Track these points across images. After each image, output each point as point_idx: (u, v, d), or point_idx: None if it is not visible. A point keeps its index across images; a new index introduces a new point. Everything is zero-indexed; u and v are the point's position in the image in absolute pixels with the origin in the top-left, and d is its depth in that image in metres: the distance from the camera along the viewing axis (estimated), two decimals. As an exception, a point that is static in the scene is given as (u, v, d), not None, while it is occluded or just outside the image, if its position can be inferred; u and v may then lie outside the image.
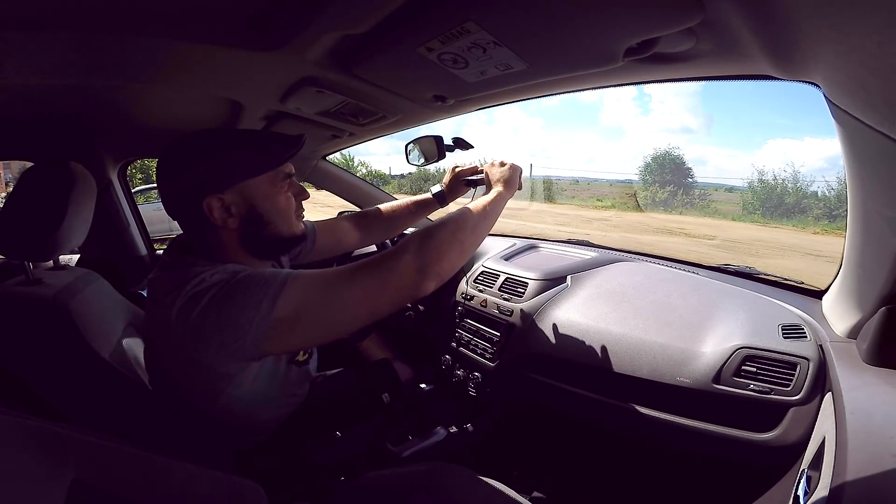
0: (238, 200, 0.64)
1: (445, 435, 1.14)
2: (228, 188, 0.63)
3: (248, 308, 0.56)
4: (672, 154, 19.81)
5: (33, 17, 0.55)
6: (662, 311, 1.02)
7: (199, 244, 0.68)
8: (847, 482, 0.48)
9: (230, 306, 0.56)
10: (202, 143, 0.65)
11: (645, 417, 0.91)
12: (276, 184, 0.68)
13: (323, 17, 0.58)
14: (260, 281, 0.58)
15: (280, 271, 0.60)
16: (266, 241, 0.69)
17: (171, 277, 0.61)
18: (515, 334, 1.16)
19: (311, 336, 0.62)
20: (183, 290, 0.57)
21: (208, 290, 0.57)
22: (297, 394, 0.82)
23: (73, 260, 1.45)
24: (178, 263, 0.64)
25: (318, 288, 0.60)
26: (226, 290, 0.57)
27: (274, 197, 0.68)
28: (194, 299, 0.56)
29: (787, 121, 65.19)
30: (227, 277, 0.58)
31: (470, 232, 0.72)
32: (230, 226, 0.64)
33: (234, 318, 0.55)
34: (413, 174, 21.68)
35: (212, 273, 0.59)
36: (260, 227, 0.67)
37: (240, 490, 0.57)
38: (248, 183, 0.65)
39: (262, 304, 0.56)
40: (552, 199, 19.78)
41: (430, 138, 1.15)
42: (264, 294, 0.56)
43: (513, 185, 0.87)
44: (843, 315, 0.83)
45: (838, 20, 0.37)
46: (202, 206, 0.62)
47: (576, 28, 0.57)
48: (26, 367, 0.78)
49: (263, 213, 0.67)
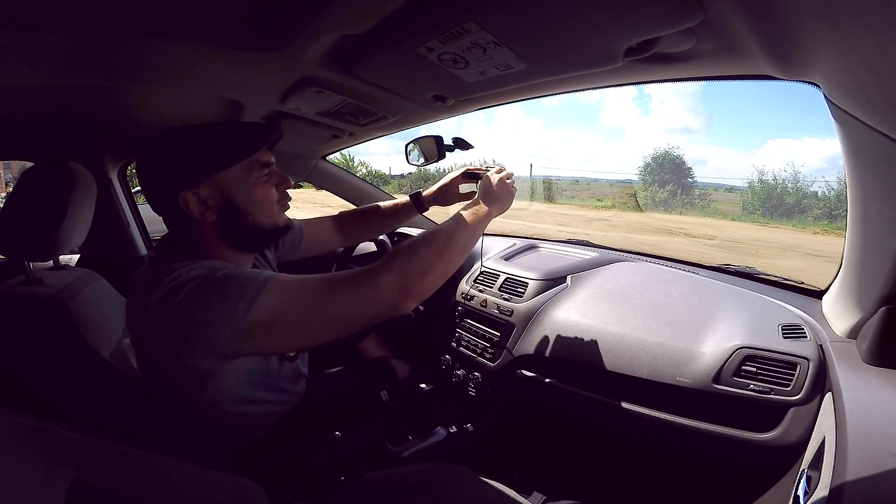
0: (214, 193, 0.64)
1: (445, 435, 1.14)
2: (202, 182, 0.63)
3: (223, 308, 0.55)
4: (672, 154, 19.81)
5: (33, 17, 0.55)
6: (662, 311, 1.02)
7: (183, 239, 0.68)
8: (847, 482, 0.47)
9: (206, 304, 0.55)
10: (175, 138, 0.65)
11: (645, 417, 0.91)
12: (251, 174, 0.67)
13: (323, 17, 0.58)
14: (238, 281, 0.57)
15: (260, 273, 0.60)
16: (246, 233, 0.68)
17: (149, 272, 0.61)
18: (515, 334, 1.16)
19: (286, 342, 0.62)
20: (159, 284, 0.57)
21: (184, 286, 0.56)
22: (290, 390, 0.82)
23: (73, 260, 1.45)
24: (158, 259, 0.64)
25: (296, 296, 0.59)
26: (203, 287, 0.56)
27: (250, 187, 0.67)
28: (170, 294, 0.56)
29: (787, 121, 65.30)
30: (206, 273, 0.58)
31: (458, 253, 0.71)
32: (208, 219, 0.64)
33: (208, 317, 0.55)
34: (413, 174, 21.68)
35: (189, 269, 0.59)
36: (238, 219, 0.66)
37: (240, 490, 0.57)
38: (221, 175, 0.64)
39: (238, 305, 0.55)
40: (552, 199, 19.77)
41: (430, 138, 1.15)
42: (241, 296, 0.56)
43: (504, 207, 0.85)
44: (843, 315, 0.83)
45: (838, 20, 0.37)
46: (178, 201, 0.62)
47: (576, 28, 0.57)
48: (26, 367, 0.78)
49: (240, 204, 0.66)
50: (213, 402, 0.66)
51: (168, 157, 0.64)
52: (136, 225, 1.52)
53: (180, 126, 0.66)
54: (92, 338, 0.81)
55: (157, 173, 0.65)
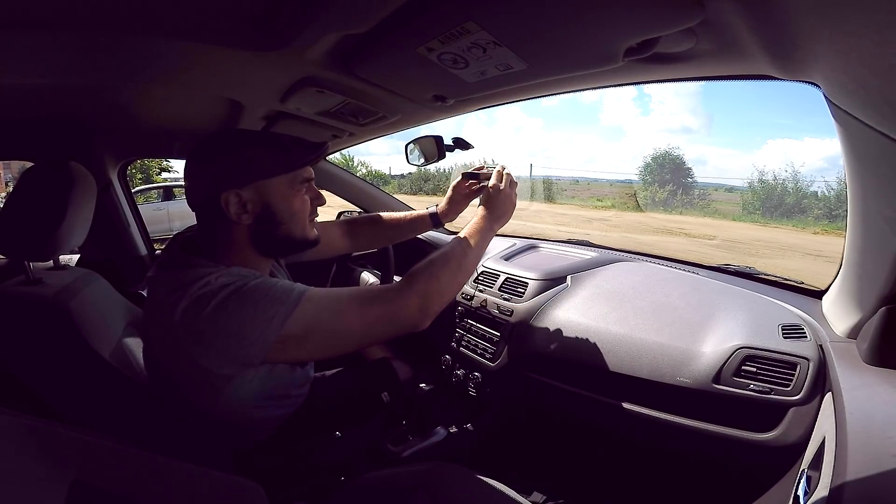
0: (255, 198, 0.66)
1: (445, 435, 1.14)
2: (247, 184, 0.65)
3: (258, 320, 0.57)
4: (672, 154, 19.79)
5: (33, 17, 0.55)
6: (662, 311, 1.02)
7: (207, 240, 0.69)
8: (847, 482, 0.47)
9: (240, 315, 0.57)
10: (228, 140, 0.67)
11: (645, 417, 0.91)
12: (294, 186, 0.69)
13: (323, 17, 0.58)
14: (273, 294, 0.59)
15: (293, 287, 0.62)
16: (276, 241, 0.70)
17: (174, 277, 0.62)
18: (515, 334, 1.16)
19: (315, 353, 0.65)
20: (188, 290, 0.58)
21: (215, 294, 0.57)
22: (297, 394, 0.82)
23: (73, 260, 1.45)
24: (179, 262, 0.64)
25: (329, 311, 0.63)
26: (236, 297, 0.58)
27: (290, 198, 0.69)
28: (199, 302, 0.57)
29: (787, 121, 65.21)
30: (236, 282, 0.59)
31: (469, 274, 0.77)
32: (244, 222, 0.66)
33: (242, 328, 0.57)
34: (413, 174, 21.71)
35: (217, 276, 0.60)
36: (272, 227, 0.68)
37: (240, 490, 0.57)
38: (266, 182, 0.66)
39: (273, 319, 0.57)
40: (552, 199, 19.76)
41: (430, 138, 1.15)
42: (276, 310, 0.58)
43: (507, 219, 0.86)
44: (843, 315, 0.83)
45: (838, 20, 0.37)
46: (220, 199, 0.63)
47: (576, 28, 0.57)
48: (26, 368, 0.78)
49: (277, 212, 0.68)
50: (225, 406, 0.66)
51: (218, 156, 0.65)
52: (136, 225, 1.52)
53: (232, 129, 0.69)
54: (92, 338, 0.81)
55: (203, 170, 0.66)
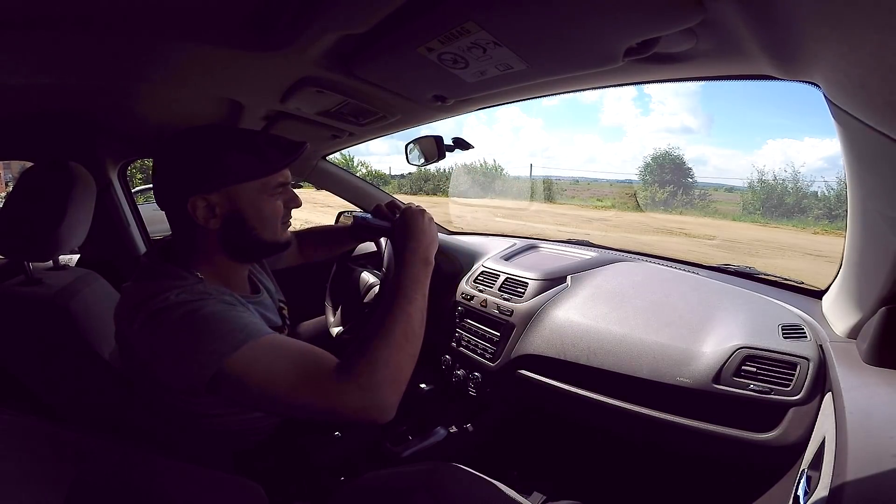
0: (223, 202, 0.62)
1: (445, 435, 1.14)
2: (216, 190, 0.62)
3: (201, 351, 0.53)
4: (672, 154, 19.76)
5: (33, 16, 0.55)
6: (662, 311, 1.02)
7: (183, 244, 0.67)
8: (847, 482, 0.48)
9: (186, 339, 0.54)
10: (196, 141, 0.63)
11: (645, 417, 0.91)
12: (266, 191, 0.65)
13: (323, 17, 0.58)
14: (221, 329, 0.55)
15: (245, 327, 0.56)
16: (246, 245, 0.67)
17: (138, 291, 0.60)
18: (515, 334, 1.16)
19: (251, 404, 0.58)
20: (145, 306, 0.56)
21: (169, 311, 0.55)
22: None
23: (73, 260, 1.45)
24: (150, 272, 0.63)
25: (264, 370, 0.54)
26: (186, 320, 0.55)
27: (260, 204, 0.65)
28: (154, 317, 0.55)
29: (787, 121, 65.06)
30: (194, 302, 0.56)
31: (419, 336, 0.63)
32: (211, 226, 0.63)
33: (186, 352, 0.54)
34: (413, 174, 21.70)
35: (178, 292, 0.57)
36: (241, 231, 0.65)
37: (240, 490, 0.57)
38: (236, 186, 0.63)
39: (212, 354, 0.52)
40: (552, 199, 19.76)
41: (430, 138, 1.15)
42: (216, 347, 0.53)
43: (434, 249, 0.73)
44: (843, 315, 0.83)
45: (838, 20, 0.37)
46: (186, 205, 0.61)
47: (575, 28, 0.57)
48: (26, 368, 0.78)
49: (247, 218, 0.64)
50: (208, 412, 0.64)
51: (185, 160, 0.62)
52: (136, 225, 1.52)
53: (201, 127, 0.64)
54: (92, 338, 0.81)
55: (170, 173, 0.63)
